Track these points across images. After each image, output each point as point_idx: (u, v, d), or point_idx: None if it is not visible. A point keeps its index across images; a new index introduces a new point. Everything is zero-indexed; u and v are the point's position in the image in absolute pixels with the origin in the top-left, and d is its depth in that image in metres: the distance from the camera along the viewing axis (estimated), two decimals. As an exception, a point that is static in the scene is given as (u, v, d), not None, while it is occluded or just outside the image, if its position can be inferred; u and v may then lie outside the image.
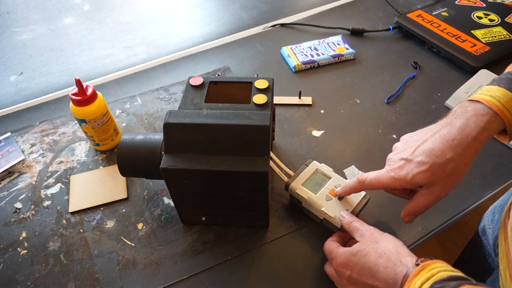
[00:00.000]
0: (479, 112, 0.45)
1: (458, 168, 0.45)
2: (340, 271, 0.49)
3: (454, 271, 0.39)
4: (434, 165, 0.45)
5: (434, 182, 0.46)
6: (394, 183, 0.48)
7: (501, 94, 0.45)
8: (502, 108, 0.44)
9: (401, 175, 0.47)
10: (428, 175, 0.45)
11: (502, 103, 0.44)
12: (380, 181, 0.49)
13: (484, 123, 0.44)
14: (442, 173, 0.45)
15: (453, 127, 0.46)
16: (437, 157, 0.45)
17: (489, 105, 0.44)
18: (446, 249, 1.21)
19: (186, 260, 0.56)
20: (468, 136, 0.44)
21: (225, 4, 1.16)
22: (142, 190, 0.65)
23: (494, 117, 0.44)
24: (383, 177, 0.49)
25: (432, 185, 0.46)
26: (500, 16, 0.93)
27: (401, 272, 0.42)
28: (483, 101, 0.45)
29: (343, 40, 0.92)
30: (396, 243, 0.46)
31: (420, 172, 0.45)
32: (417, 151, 0.47)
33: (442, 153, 0.45)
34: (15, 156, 0.71)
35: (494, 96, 0.45)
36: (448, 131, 0.46)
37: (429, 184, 0.46)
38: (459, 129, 0.45)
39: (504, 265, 0.52)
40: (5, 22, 1.11)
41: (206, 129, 0.49)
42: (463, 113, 0.46)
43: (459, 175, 0.46)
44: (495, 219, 0.64)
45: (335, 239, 0.53)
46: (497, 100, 0.44)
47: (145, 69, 0.90)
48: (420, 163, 0.46)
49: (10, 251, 0.58)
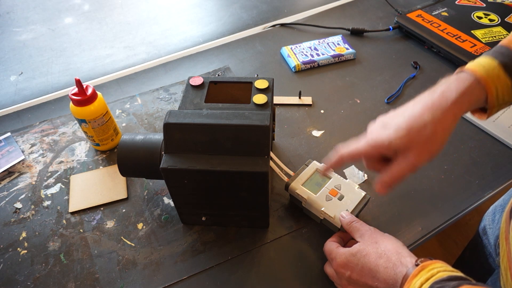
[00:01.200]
0: (461, 78, 0.44)
1: (435, 132, 0.43)
2: (340, 271, 0.49)
3: (453, 271, 0.39)
4: (411, 129, 0.44)
5: (411, 147, 0.44)
6: (371, 150, 0.46)
7: (487, 64, 0.44)
8: (485, 75, 0.43)
9: (378, 140, 0.46)
10: (405, 139, 0.44)
11: (486, 70, 0.43)
12: (357, 149, 0.48)
13: (465, 88, 0.43)
14: (419, 137, 0.43)
15: (434, 93, 0.45)
16: (415, 120, 0.44)
17: (473, 72, 0.44)
18: (446, 249, 1.21)
19: (186, 260, 0.56)
20: (448, 100, 0.43)
21: (225, 4, 1.16)
22: (142, 190, 0.65)
23: (476, 84, 0.44)
24: (360, 146, 0.47)
25: (408, 151, 0.44)
26: (500, 16, 0.93)
27: (401, 272, 0.42)
28: (469, 69, 0.45)
29: (343, 40, 0.92)
30: (396, 243, 0.46)
31: (398, 137, 0.44)
32: (396, 117, 0.46)
33: (421, 116, 0.44)
34: (15, 156, 0.71)
35: (479, 64, 0.44)
36: (429, 97, 0.45)
37: (405, 149, 0.44)
38: (439, 94, 0.44)
39: (506, 265, 0.52)
40: (5, 22, 1.11)
41: (206, 129, 0.49)
42: (446, 81, 0.46)
43: (436, 141, 0.44)
44: (496, 219, 0.64)
45: (335, 239, 0.53)
46: (482, 67, 0.44)
47: (145, 69, 0.90)
48: (397, 127, 0.44)
49: (10, 251, 0.58)
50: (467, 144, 0.70)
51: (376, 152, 0.46)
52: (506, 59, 0.44)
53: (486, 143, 0.70)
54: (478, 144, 0.70)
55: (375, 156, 0.48)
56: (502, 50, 0.45)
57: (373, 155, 0.47)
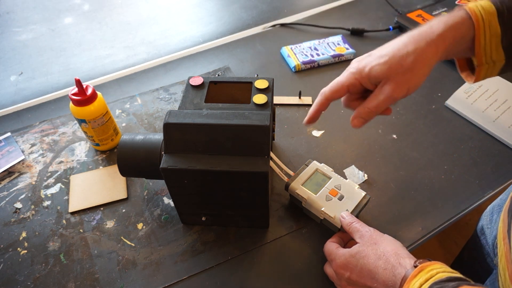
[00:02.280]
0: (454, 13, 0.44)
1: (416, 63, 0.43)
2: (340, 272, 0.49)
3: (452, 272, 0.39)
4: (393, 57, 0.44)
5: (390, 77, 0.44)
6: (352, 79, 0.46)
7: (484, 4, 0.44)
8: (479, 15, 0.43)
9: (359, 68, 0.46)
10: (385, 67, 0.44)
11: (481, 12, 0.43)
12: (339, 82, 0.47)
13: (454, 23, 0.43)
14: (400, 67, 0.43)
15: (422, 26, 0.45)
16: (398, 50, 0.44)
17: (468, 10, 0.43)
18: (446, 249, 1.21)
19: (186, 260, 0.56)
20: (434, 32, 0.43)
21: (225, 4, 1.16)
22: (142, 190, 0.65)
23: (466, 20, 0.43)
24: (342, 77, 0.47)
25: (386, 82, 0.44)
26: (500, 16, 0.93)
27: (400, 274, 0.42)
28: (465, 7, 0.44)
29: (343, 40, 0.92)
30: (396, 244, 0.46)
31: (378, 64, 0.44)
32: (381, 48, 0.46)
33: (404, 45, 0.44)
34: (15, 156, 0.71)
35: (477, 5, 0.44)
36: (416, 29, 0.45)
37: (385, 78, 0.44)
38: (427, 27, 0.44)
39: (504, 265, 0.51)
40: (5, 22, 1.11)
41: (206, 129, 0.49)
42: (438, 17, 0.45)
43: (416, 73, 0.44)
44: (494, 219, 0.64)
45: (335, 240, 0.53)
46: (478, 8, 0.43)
47: (145, 69, 0.90)
48: (380, 56, 0.45)
49: (10, 251, 0.58)
50: (467, 144, 0.70)
51: (357, 82, 0.46)
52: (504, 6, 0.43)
53: (486, 143, 0.70)
54: (478, 144, 0.70)
55: (356, 88, 0.47)
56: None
57: (354, 87, 0.47)
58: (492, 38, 0.43)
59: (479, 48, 0.44)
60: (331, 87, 0.48)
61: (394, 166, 0.67)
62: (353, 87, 0.47)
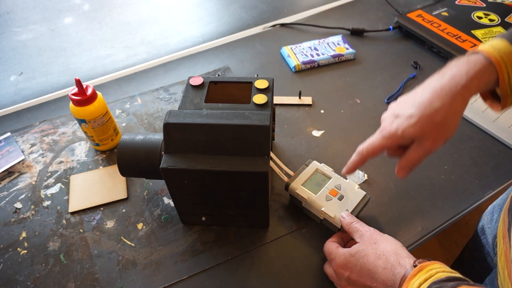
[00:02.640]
0: (472, 61, 0.44)
1: (447, 118, 0.43)
2: (339, 272, 0.49)
3: (452, 272, 0.40)
4: (422, 117, 0.44)
5: (424, 134, 0.44)
6: (387, 142, 0.47)
7: (502, 46, 0.43)
8: (498, 58, 0.43)
9: (391, 131, 0.46)
10: (417, 128, 0.44)
11: (501, 54, 0.43)
12: (374, 145, 0.48)
13: (475, 72, 0.43)
14: (431, 124, 0.44)
15: (443, 77, 0.45)
16: (425, 108, 0.44)
17: (487, 54, 0.43)
18: (446, 249, 1.21)
19: (186, 260, 0.56)
20: (458, 85, 0.43)
21: (225, 4, 1.16)
22: (142, 190, 0.65)
23: (487, 66, 0.43)
24: (376, 139, 0.48)
25: (422, 139, 0.45)
26: (500, 16, 0.93)
27: (399, 273, 0.42)
28: (481, 51, 0.44)
29: (343, 40, 0.92)
30: (395, 244, 0.46)
31: (410, 126, 0.44)
32: (406, 105, 0.46)
33: (430, 103, 0.44)
34: (15, 156, 0.71)
35: (494, 47, 0.44)
36: (438, 81, 0.45)
37: (420, 137, 0.45)
38: (448, 78, 0.44)
39: (503, 264, 0.52)
40: (5, 22, 1.11)
41: (206, 129, 0.49)
42: (456, 64, 0.45)
43: (449, 126, 0.44)
44: (494, 219, 0.64)
45: (335, 239, 0.53)
46: (496, 50, 0.43)
47: (145, 69, 0.90)
48: (409, 116, 0.45)
49: (10, 251, 0.58)
50: (467, 144, 0.70)
51: (393, 143, 0.47)
52: None
53: (486, 143, 0.70)
54: (478, 144, 0.70)
55: (393, 146, 0.48)
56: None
57: (390, 147, 0.48)
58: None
59: (504, 84, 0.44)
60: (367, 149, 0.49)
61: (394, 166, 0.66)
62: (389, 147, 0.48)
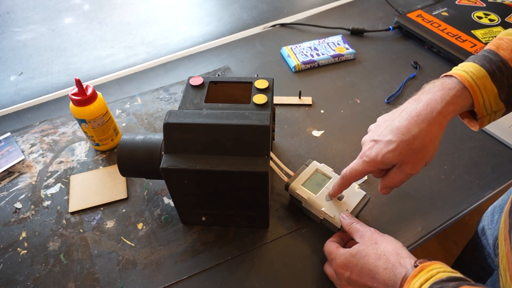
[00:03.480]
0: (446, 86, 0.45)
1: (424, 144, 0.44)
2: (340, 272, 0.49)
3: (453, 272, 0.39)
4: (401, 143, 0.44)
5: (404, 160, 0.45)
6: (368, 167, 0.48)
7: (474, 70, 0.44)
8: (472, 83, 0.43)
9: (371, 157, 0.47)
10: (396, 154, 0.45)
11: (474, 78, 0.44)
12: (356, 169, 0.50)
13: (451, 97, 0.44)
14: (410, 150, 0.45)
15: (419, 103, 0.45)
16: (403, 134, 0.45)
17: (461, 79, 0.44)
18: (446, 249, 1.21)
19: (186, 260, 0.56)
20: (433, 111, 0.44)
21: (225, 4, 1.16)
22: (142, 190, 0.65)
23: (462, 91, 0.44)
24: (357, 165, 0.49)
25: (402, 164, 0.46)
26: (500, 16, 0.93)
27: (400, 273, 0.42)
28: (455, 75, 0.45)
29: (343, 40, 0.92)
30: (396, 244, 0.46)
31: (389, 152, 0.45)
32: (385, 130, 0.47)
33: (408, 130, 0.44)
34: (15, 156, 0.71)
35: (467, 71, 0.44)
36: (414, 107, 0.45)
37: (400, 162, 0.46)
38: (424, 104, 0.45)
39: (504, 266, 0.51)
40: (5, 22, 1.11)
41: (206, 129, 0.49)
42: (431, 89, 0.46)
43: (427, 151, 0.45)
44: (495, 220, 0.64)
45: (335, 240, 0.53)
46: (469, 75, 0.44)
47: (145, 69, 0.90)
48: (387, 142, 0.45)
49: (10, 251, 0.58)
50: (467, 144, 0.70)
51: (374, 168, 0.48)
52: (494, 66, 0.44)
53: (486, 143, 0.70)
54: (478, 144, 0.70)
55: (375, 170, 0.49)
56: (490, 56, 0.45)
57: (372, 171, 0.49)
58: (490, 97, 0.44)
59: (479, 107, 0.45)
60: (350, 173, 0.51)
61: (394, 166, 0.67)
62: (370, 171, 0.50)
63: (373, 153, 0.47)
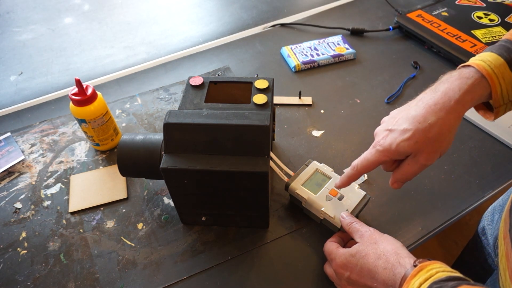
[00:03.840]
0: (464, 75, 0.44)
1: (441, 133, 0.44)
2: (340, 272, 0.49)
3: (452, 271, 0.39)
4: (417, 131, 0.44)
5: (419, 149, 0.44)
6: (381, 156, 0.47)
7: (492, 59, 0.44)
8: (490, 71, 0.43)
9: (385, 146, 0.46)
10: (412, 143, 0.44)
11: (492, 67, 0.43)
12: (369, 160, 0.48)
13: (468, 86, 0.43)
14: (426, 139, 0.44)
15: (436, 92, 0.45)
16: (419, 123, 0.44)
17: (478, 68, 0.43)
18: (446, 249, 1.21)
19: (186, 260, 0.56)
20: (451, 99, 0.43)
21: (225, 4, 1.16)
22: (142, 190, 0.65)
23: (480, 79, 0.43)
24: (370, 155, 0.48)
25: (417, 153, 0.45)
26: (500, 16, 0.93)
27: (400, 273, 0.42)
28: (473, 64, 0.44)
29: (343, 40, 0.92)
30: (395, 244, 0.46)
31: (404, 140, 0.44)
32: (400, 119, 0.46)
33: (425, 118, 0.44)
34: (15, 156, 0.71)
35: (484, 60, 0.44)
36: (431, 96, 0.45)
37: (415, 152, 0.45)
38: (442, 93, 0.44)
39: (504, 265, 0.51)
40: (5, 22, 1.11)
41: (206, 129, 0.49)
42: (448, 78, 0.45)
43: (444, 141, 0.44)
44: (495, 220, 0.64)
45: (335, 239, 0.53)
46: (487, 63, 0.43)
47: (145, 69, 0.90)
48: (403, 131, 0.44)
49: (10, 251, 0.58)
50: (467, 144, 0.70)
51: (387, 158, 0.47)
52: (510, 56, 0.44)
53: (486, 143, 0.70)
54: (478, 144, 0.70)
55: (388, 160, 0.48)
56: (508, 45, 0.45)
57: (384, 161, 0.48)
58: (508, 86, 0.44)
59: (497, 97, 0.44)
60: (362, 164, 0.49)
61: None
62: (383, 162, 0.48)
63: (387, 142, 0.46)
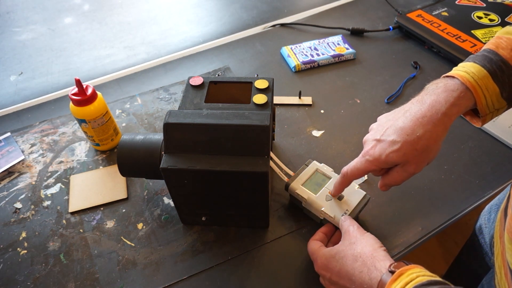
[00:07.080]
0: (449, 87, 0.45)
1: (429, 144, 0.45)
2: (321, 273, 0.49)
3: (432, 276, 0.40)
4: (405, 144, 0.45)
5: (407, 160, 0.46)
6: (370, 166, 0.48)
7: (475, 70, 0.44)
8: (474, 84, 0.44)
9: (375, 156, 0.47)
10: (401, 154, 0.45)
11: (475, 79, 0.44)
12: (358, 168, 0.49)
13: (454, 99, 0.44)
14: (414, 151, 0.45)
15: (423, 104, 0.46)
16: (408, 135, 0.45)
17: (463, 80, 0.44)
18: (446, 249, 1.21)
19: (186, 260, 0.56)
20: (438, 112, 0.44)
21: (225, 4, 1.16)
22: (142, 190, 0.65)
23: (465, 92, 0.44)
24: (360, 163, 0.49)
25: (406, 163, 0.46)
26: (500, 16, 0.93)
27: (376, 278, 0.42)
28: (457, 76, 0.45)
29: (343, 40, 0.92)
30: (374, 245, 0.46)
31: (393, 152, 0.45)
32: (389, 130, 0.47)
33: (413, 131, 0.45)
34: (15, 156, 0.71)
35: (468, 72, 0.45)
36: (418, 108, 0.46)
37: (403, 162, 0.46)
38: (429, 106, 0.45)
39: (500, 264, 0.52)
40: (5, 22, 1.11)
41: (206, 129, 0.49)
42: (434, 90, 0.46)
43: (431, 152, 0.46)
44: (492, 218, 0.64)
45: (318, 237, 0.54)
46: (471, 76, 0.44)
47: (145, 69, 0.90)
48: (392, 143, 0.46)
49: (10, 251, 0.58)
50: (467, 144, 0.70)
51: (376, 167, 0.48)
52: (494, 66, 0.44)
53: (486, 143, 0.70)
54: (478, 144, 0.70)
55: (376, 169, 0.49)
56: (490, 56, 0.45)
57: (373, 170, 0.49)
58: (492, 96, 0.45)
59: (482, 107, 0.45)
60: (352, 172, 0.51)
61: (394, 166, 0.67)
62: (372, 170, 0.49)
63: (376, 152, 0.47)
